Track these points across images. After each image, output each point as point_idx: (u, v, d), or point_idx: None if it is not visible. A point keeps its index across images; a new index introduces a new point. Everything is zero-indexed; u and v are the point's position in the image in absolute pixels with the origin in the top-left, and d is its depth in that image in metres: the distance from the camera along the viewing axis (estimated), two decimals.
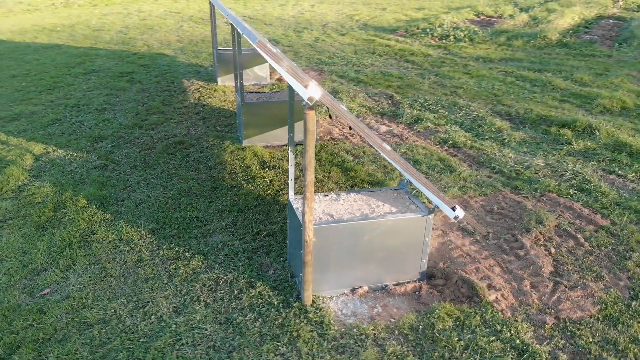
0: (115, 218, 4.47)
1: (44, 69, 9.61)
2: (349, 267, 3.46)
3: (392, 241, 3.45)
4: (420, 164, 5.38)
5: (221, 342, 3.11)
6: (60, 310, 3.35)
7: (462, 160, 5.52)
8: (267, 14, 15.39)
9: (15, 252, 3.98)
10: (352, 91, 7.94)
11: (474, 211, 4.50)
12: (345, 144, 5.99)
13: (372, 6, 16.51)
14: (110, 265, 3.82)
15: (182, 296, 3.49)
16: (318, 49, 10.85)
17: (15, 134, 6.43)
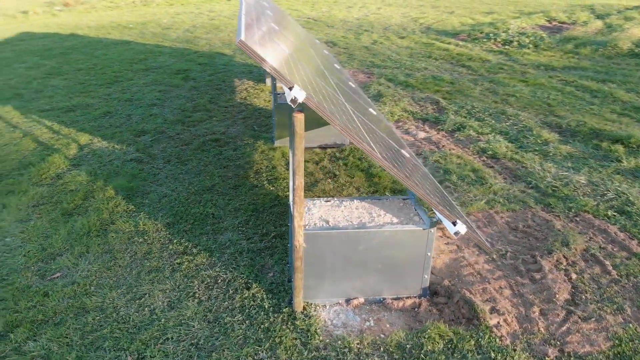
0: (137, 210, 4.61)
1: (108, 63, 10.15)
2: (344, 276, 3.35)
3: (390, 253, 3.30)
4: (451, 174, 5.14)
5: (205, 340, 3.11)
6: (63, 295, 3.49)
7: (497, 173, 5.22)
8: (332, 16, 15.41)
9: (38, 235, 4.20)
10: (398, 95, 7.75)
11: (496, 227, 4.23)
12: None
13: (440, 9, 16.09)
14: (121, 255, 3.94)
15: (179, 291, 3.53)
16: (374, 51, 10.70)
17: (68, 124, 6.82)
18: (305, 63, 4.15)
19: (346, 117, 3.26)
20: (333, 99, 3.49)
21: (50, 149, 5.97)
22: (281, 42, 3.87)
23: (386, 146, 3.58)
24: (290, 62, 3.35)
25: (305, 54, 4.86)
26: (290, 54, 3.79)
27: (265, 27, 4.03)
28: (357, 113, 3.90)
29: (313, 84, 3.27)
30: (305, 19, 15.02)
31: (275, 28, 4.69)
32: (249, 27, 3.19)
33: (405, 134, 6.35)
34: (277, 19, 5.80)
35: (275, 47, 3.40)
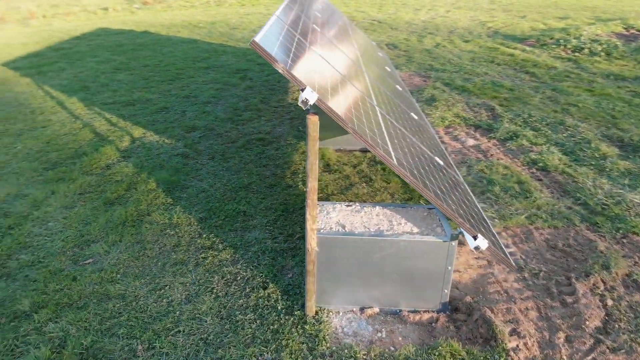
0: (174, 203, 4.74)
1: (173, 61, 10.55)
2: (359, 284, 3.27)
3: (407, 264, 3.19)
4: (494, 185, 4.91)
5: (214, 336, 3.14)
6: (90, 281, 3.65)
7: (545, 186, 4.92)
8: (398, 18, 15.20)
9: (78, 222, 4.42)
10: (452, 100, 7.51)
11: (533, 244, 3.98)
12: None
13: (512, 14, 15.44)
14: (150, 246, 4.06)
15: (198, 285, 3.59)
16: (434, 54, 10.45)
17: (126, 117, 7.14)
18: (338, 64, 4.10)
19: (369, 121, 3.19)
20: (359, 102, 3.42)
21: (105, 140, 6.27)
22: (315, 43, 3.84)
23: (414, 153, 3.46)
24: (312, 64, 3.32)
25: (341, 55, 4.80)
26: (320, 55, 3.76)
27: (300, 28, 4.02)
28: (388, 117, 3.80)
29: (335, 86, 3.22)
30: (369, 20, 14.92)
31: (316, 29, 4.67)
32: (275, 27, 3.18)
33: (454, 141, 6.14)
34: (323, 20, 5.78)
35: (302, 49, 3.38)
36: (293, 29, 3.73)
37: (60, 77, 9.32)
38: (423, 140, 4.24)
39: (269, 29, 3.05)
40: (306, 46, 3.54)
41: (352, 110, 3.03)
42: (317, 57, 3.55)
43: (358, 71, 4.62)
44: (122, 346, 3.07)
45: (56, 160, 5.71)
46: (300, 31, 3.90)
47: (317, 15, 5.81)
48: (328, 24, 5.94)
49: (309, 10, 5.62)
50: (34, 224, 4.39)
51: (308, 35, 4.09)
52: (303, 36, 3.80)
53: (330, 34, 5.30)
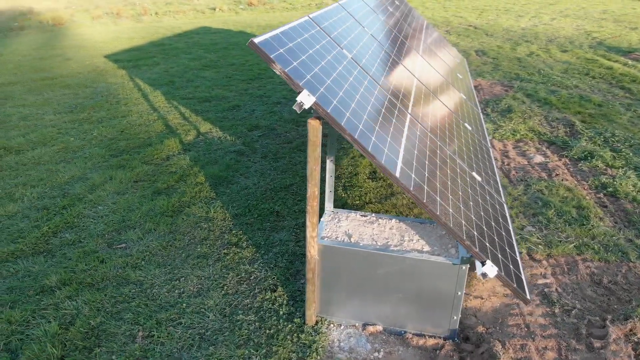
0: (216, 197, 4.87)
1: (258, 61, 10.86)
2: (364, 299, 3.13)
3: (413, 284, 2.99)
4: (549, 208, 4.48)
5: (211, 332, 3.17)
6: (116, 264, 3.84)
7: (608, 214, 4.41)
8: (496, 25, 14.45)
9: (124, 208, 4.68)
10: (529, 112, 6.98)
11: (575, 277, 3.57)
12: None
13: (623, 24, 14.04)
14: (181, 237, 4.20)
15: (212, 280, 3.65)
16: (525, 63, 9.79)
17: (199, 112, 7.46)
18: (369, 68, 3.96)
19: (387, 129, 3.03)
20: (380, 109, 3.27)
21: (173, 133, 6.60)
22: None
23: (439, 164, 3.25)
24: (335, 69, 3.22)
25: (382, 56, 4.62)
26: (353, 59, 3.64)
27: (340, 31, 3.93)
28: (420, 123, 3.60)
29: (344, 88, 3.10)
30: (465, 26, 14.33)
31: (358, 24, 4.55)
32: (299, 28, 3.13)
33: (520, 156, 5.70)
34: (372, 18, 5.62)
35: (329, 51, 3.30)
36: (329, 35, 3.66)
37: (152, 71, 9.97)
38: (463, 152, 3.97)
39: (285, 30, 3.01)
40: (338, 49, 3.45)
41: (362, 115, 2.90)
42: (349, 61, 3.45)
43: (399, 72, 4.43)
44: (125, 330, 3.19)
45: (124, 148, 6.10)
46: (338, 34, 3.81)
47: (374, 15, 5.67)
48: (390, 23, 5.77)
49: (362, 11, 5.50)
50: (85, 206, 4.72)
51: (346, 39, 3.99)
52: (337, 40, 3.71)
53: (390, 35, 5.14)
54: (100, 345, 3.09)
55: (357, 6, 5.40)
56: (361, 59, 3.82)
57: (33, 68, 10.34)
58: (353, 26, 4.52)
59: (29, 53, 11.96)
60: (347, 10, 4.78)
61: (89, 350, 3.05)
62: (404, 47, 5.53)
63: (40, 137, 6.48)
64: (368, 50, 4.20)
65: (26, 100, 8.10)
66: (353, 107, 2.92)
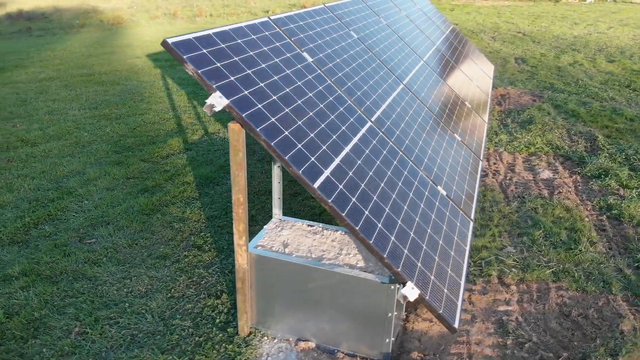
0: (198, 198, 4.86)
1: None
2: (297, 313, 2.99)
3: (344, 301, 2.82)
4: (538, 229, 4.14)
5: (143, 335, 3.13)
6: (77, 259, 3.90)
7: (605, 239, 4.02)
8: (547, 32, 13.74)
9: (108, 204, 4.76)
10: (551, 125, 6.53)
11: (542, 307, 3.26)
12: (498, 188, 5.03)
13: None
14: (149, 236, 4.21)
15: (163, 282, 3.62)
16: (564, 73, 9.21)
17: (229, 115, 7.52)
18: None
19: (328, 136, 2.89)
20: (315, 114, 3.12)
21: (182, 132, 6.68)
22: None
23: (386, 177, 3.06)
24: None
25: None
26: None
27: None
28: (384, 135, 3.41)
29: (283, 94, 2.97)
30: (514, 32, 13.72)
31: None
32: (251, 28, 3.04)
33: (527, 171, 5.33)
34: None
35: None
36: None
37: (184, 71, 10.18)
38: (435, 165, 3.73)
39: (223, 30, 2.93)
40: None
41: (295, 120, 2.77)
42: (308, 64, 3.32)
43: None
44: (63, 325, 3.22)
45: (129, 145, 6.23)
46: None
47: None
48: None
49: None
50: (73, 200, 4.84)
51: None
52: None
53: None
54: (36, 337, 3.12)
55: (347, 11, 5.24)
56: (326, 64, 3.68)
57: (76, 64, 10.84)
58: (334, 28, 4.38)
59: (79, 50, 12.56)
60: (333, 13, 4.64)
61: (25, 340, 3.10)
62: (390, 52, 5.31)
63: (57, 131, 6.75)
64: (342, 55, 4.05)
65: (58, 95, 8.48)
66: (287, 113, 2.80)
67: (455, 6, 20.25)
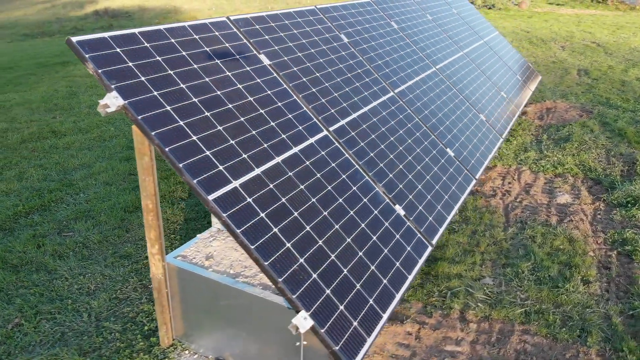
0: (187, 199, 4.83)
1: None
2: (215, 330, 2.82)
3: (256, 322, 2.62)
4: (527, 260, 3.69)
5: (72, 334, 3.11)
6: (46, 251, 3.97)
7: (603, 278, 3.49)
8: (624, 43, 12.52)
9: (99, 199, 4.84)
10: (590, 144, 5.88)
11: (496, 351, 2.86)
12: (493, 203, 4.60)
13: None
14: (122, 233, 4.22)
15: (113, 282, 3.59)
16: (626, 88, 8.31)
17: None
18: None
19: (254, 143, 2.70)
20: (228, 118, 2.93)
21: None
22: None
23: (324, 191, 2.83)
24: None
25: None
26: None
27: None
28: (341, 146, 3.17)
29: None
30: (587, 42, 12.66)
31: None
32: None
33: (544, 193, 4.81)
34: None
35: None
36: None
37: None
38: (403, 179, 3.41)
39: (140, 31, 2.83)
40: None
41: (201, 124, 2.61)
42: (263, 67, 3.15)
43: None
44: (5, 315, 3.26)
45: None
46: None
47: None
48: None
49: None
50: (70, 192, 4.98)
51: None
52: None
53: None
54: None
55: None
56: (284, 69, 3.48)
57: None
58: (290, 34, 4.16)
59: None
60: (297, 18, 4.42)
61: None
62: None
63: (88, 124, 7.03)
64: (300, 63, 3.83)
65: (104, 90, 8.87)
66: (206, 116, 2.64)
67: (535, 13, 19.10)
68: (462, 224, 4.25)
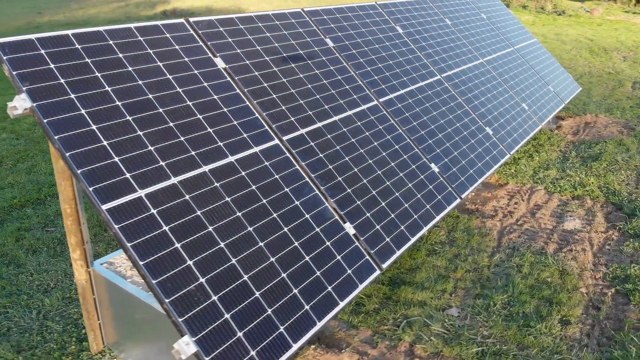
0: None
1: None
2: (138, 342, 2.73)
3: (164, 342, 2.50)
4: (504, 292, 3.33)
5: (16, 330, 3.13)
6: (23, 245, 4.05)
7: (591, 320, 3.08)
8: None
9: None
10: (621, 164, 5.30)
11: None
12: (476, 219, 4.24)
13: None
14: (102, 232, 4.24)
15: (73, 280, 3.59)
16: None
17: None
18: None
19: (178, 150, 2.59)
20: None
21: None
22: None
23: (259, 204, 2.66)
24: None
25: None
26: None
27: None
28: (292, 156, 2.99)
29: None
30: None
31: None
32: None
33: (553, 216, 4.37)
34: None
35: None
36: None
37: None
38: (359, 197, 3.17)
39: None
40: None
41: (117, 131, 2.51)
42: (217, 70, 3.02)
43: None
44: None
45: None
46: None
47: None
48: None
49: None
50: None
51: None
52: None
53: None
54: None
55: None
56: (242, 73, 3.33)
57: None
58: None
59: None
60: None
61: None
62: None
63: None
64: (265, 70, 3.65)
65: None
66: (126, 120, 2.55)
67: (606, 21, 17.83)
68: (447, 245, 3.93)
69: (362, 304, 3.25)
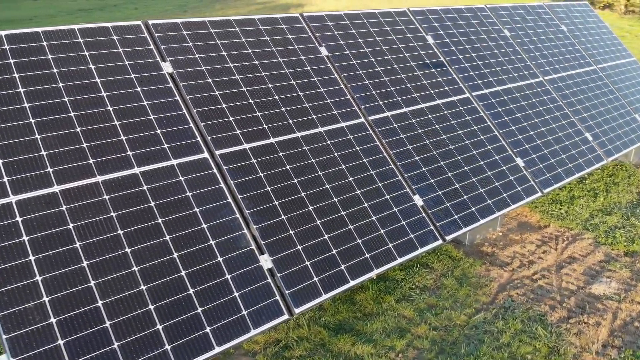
0: None
1: None
2: None
3: None
4: (505, 349, 2.74)
5: None
6: None
7: None
8: None
9: None
10: None
11: None
12: (493, 260, 3.61)
13: None
14: None
15: None
16: None
17: None
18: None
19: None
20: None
21: None
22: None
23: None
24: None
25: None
26: None
27: None
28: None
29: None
30: None
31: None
32: None
33: (585, 275, 3.57)
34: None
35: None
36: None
37: None
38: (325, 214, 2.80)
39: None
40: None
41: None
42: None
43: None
44: None
45: None
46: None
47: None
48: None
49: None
50: None
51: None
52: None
53: None
54: None
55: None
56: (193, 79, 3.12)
57: None
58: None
59: None
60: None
61: None
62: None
63: None
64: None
65: None
66: (30, 123, 2.49)
67: None
68: (428, 292, 3.36)
69: (289, 347, 2.88)
